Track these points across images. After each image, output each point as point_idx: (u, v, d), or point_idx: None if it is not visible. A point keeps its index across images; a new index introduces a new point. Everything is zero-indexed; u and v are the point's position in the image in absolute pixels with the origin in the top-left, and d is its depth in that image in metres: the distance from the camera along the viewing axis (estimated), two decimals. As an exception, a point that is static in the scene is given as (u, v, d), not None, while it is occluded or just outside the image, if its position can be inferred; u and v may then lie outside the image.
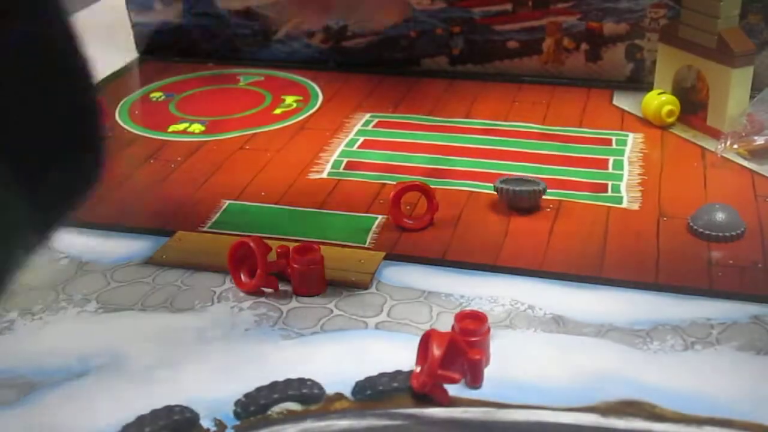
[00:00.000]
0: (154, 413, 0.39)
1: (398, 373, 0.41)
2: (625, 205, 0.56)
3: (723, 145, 0.61)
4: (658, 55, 0.69)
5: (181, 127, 0.70)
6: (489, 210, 0.56)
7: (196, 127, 0.69)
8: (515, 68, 0.77)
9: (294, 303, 0.47)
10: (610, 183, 0.59)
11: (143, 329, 0.45)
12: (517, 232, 0.53)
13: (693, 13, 0.64)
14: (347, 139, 0.66)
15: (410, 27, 0.78)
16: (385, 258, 0.50)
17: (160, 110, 0.73)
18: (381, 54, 0.79)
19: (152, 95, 0.76)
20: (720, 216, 0.52)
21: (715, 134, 0.63)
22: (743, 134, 0.61)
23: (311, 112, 0.72)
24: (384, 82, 0.77)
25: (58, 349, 0.44)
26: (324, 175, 0.61)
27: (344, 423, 0.38)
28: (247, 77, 0.79)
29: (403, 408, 0.39)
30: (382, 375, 0.41)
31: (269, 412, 0.39)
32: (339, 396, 0.40)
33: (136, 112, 0.73)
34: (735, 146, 0.61)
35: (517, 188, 0.54)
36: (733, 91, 0.63)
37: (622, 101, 0.72)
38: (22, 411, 0.40)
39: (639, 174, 0.60)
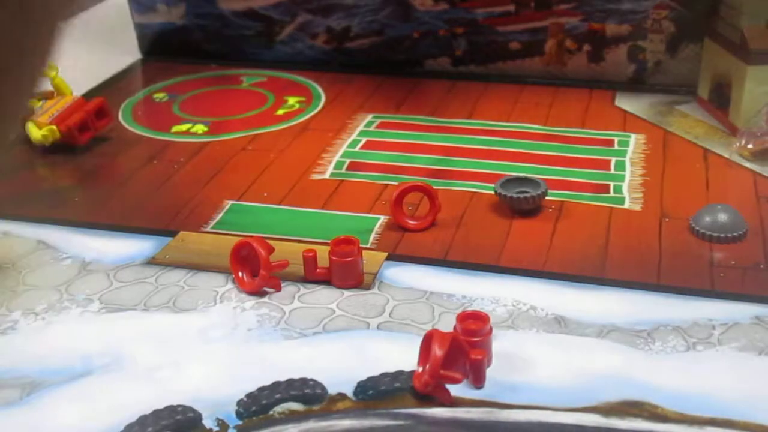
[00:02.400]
0: (157, 413, 0.39)
1: (400, 373, 0.41)
2: (627, 205, 0.56)
3: (738, 143, 0.61)
4: (703, 49, 0.70)
5: (184, 127, 0.70)
6: (491, 210, 0.56)
7: (199, 128, 0.69)
8: (518, 69, 0.77)
9: (296, 303, 0.47)
10: (612, 184, 0.59)
11: (146, 329, 0.45)
12: (519, 233, 0.53)
13: (726, 8, 0.65)
14: (350, 140, 0.66)
15: (413, 28, 0.78)
16: (387, 258, 0.51)
17: (163, 111, 0.73)
18: (384, 55, 0.79)
19: (155, 96, 0.76)
20: (722, 217, 0.52)
21: (735, 131, 0.63)
22: (758, 134, 0.61)
23: (314, 112, 0.72)
24: (386, 83, 0.77)
25: (61, 349, 0.44)
26: (326, 176, 0.61)
27: (346, 423, 0.39)
28: (249, 78, 0.79)
29: (405, 408, 0.39)
30: (384, 375, 0.41)
31: (271, 412, 0.39)
32: (341, 396, 0.40)
33: (139, 113, 0.73)
34: (750, 146, 0.61)
35: (518, 194, 0.54)
36: (748, 89, 0.63)
37: (624, 102, 0.72)
38: (25, 411, 0.40)
39: (641, 175, 0.60)
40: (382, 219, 0.55)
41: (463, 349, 0.40)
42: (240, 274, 0.48)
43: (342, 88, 0.76)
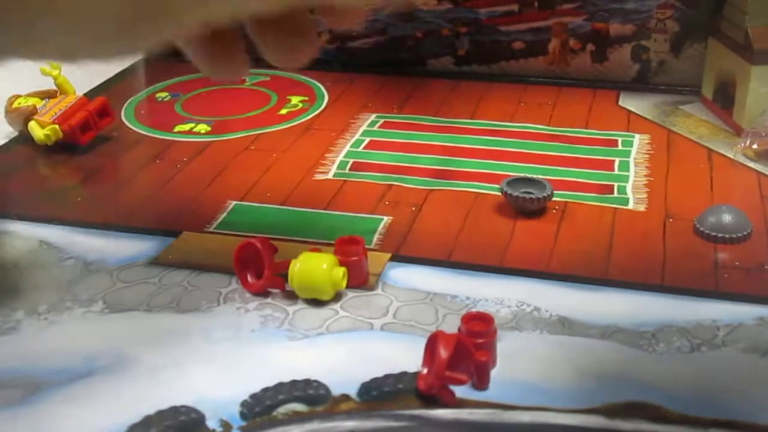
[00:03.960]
0: (160, 414, 0.39)
1: (404, 374, 0.41)
2: (631, 206, 0.56)
3: (743, 143, 0.61)
4: (707, 49, 0.70)
5: (186, 127, 0.70)
6: (495, 211, 0.55)
7: (202, 128, 0.69)
8: (521, 69, 0.77)
9: (300, 304, 0.47)
10: (616, 184, 0.59)
11: (149, 330, 0.45)
12: (523, 234, 0.53)
13: (730, 7, 0.66)
14: (353, 140, 0.66)
15: (416, 27, 0.78)
16: (391, 259, 0.50)
17: (165, 110, 0.73)
18: (387, 54, 0.79)
19: (158, 95, 0.76)
20: (726, 217, 0.51)
21: (740, 131, 0.63)
22: (763, 134, 0.61)
23: (317, 112, 0.72)
24: (389, 83, 0.77)
25: (64, 349, 0.44)
26: (330, 176, 0.61)
27: (350, 424, 0.38)
28: (252, 77, 0.79)
29: (408, 409, 0.39)
30: (387, 376, 0.41)
31: (275, 413, 0.39)
32: (345, 397, 0.40)
33: (142, 112, 0.73)
34: (754, 146, 0.61)
35: (525, 194, 0.54)
36: (753, 89, 0.62)
37: (628, 102, 0.72)
38: (28, 411, 0.40)
39: (645, 175, 0.60)
40: (386, 219, 0.55)
41: (467, 350, 0.40)
42: (244, 274, 0.48)
43: (345, 87, 0.76)
